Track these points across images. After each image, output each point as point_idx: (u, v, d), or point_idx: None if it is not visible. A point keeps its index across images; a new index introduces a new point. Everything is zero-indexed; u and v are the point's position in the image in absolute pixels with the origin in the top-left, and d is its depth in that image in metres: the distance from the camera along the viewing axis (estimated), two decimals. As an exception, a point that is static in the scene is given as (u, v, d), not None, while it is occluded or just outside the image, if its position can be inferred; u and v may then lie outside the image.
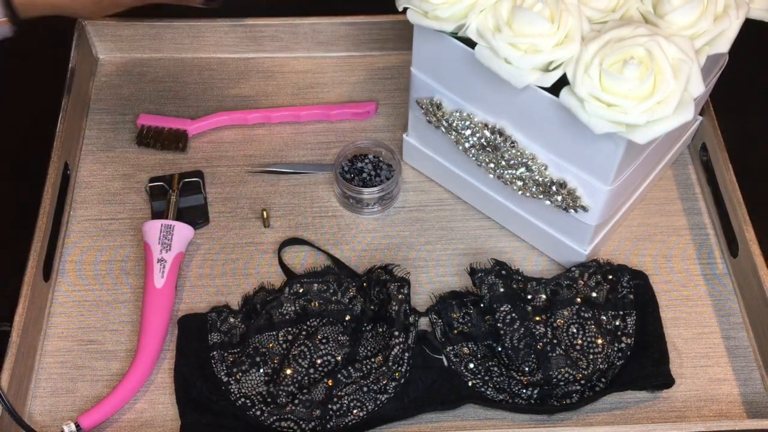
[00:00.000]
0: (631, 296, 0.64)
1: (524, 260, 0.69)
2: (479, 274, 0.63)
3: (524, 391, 0.60)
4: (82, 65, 0.77)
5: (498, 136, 0.62)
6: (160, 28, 0.79)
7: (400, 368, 0.60)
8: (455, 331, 0.62)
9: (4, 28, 0.50)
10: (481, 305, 0.63)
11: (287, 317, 0.63)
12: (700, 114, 0.74)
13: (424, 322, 0.63)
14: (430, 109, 0.65)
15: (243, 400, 0.59)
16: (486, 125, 0.62)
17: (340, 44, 0.81)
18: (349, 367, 0.60)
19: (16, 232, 0.69)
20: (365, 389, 0.59)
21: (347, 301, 0.63)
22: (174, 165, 0.74)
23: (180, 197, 0.71)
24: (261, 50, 0.82)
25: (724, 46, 0.54)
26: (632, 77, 0.50)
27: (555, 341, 0.61)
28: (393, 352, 0.60)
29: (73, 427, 0.58)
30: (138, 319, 0.65)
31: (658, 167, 0.71)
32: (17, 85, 0.81)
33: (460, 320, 0.63)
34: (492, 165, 0.64)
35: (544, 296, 0.63)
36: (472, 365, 0.61)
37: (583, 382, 0.60)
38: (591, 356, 0.61)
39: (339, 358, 0.60)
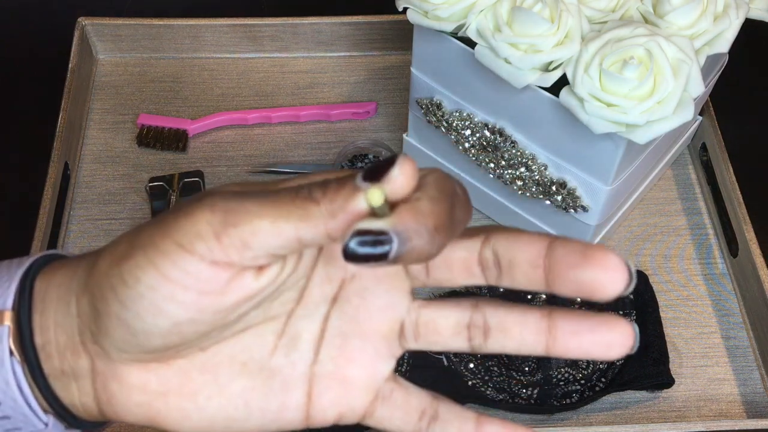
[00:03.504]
0: (631, 296, 0.64)
1: (524, 260, 0.69)
2: (479, 274, 0.63)
3: (524, 391, 0.60)
4: (82, 65, 0.77)
5: (498, 136, 0.62)
6: (160, 28, 0.80)
7: (400, 368, 0.60)
8: (455, 331, 0.62)
9: None
10: (481, 305, 0.63)
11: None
12: (700, 114, 0.74)
13: (424, 322, 0.63)
14: (430, 109, 0.65)
15: (243, 400, 0.59)
16: (486, 125, 0.62)
17: (340, 44, 0.81)
18: (349, 367, 0.60)
19: (16, 233, 0.69)
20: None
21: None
22: (174, 165, 0.74)
23: (180, 197, 0.71)
24: (261, 50, 0.82)
25: (723, 46, 0.54)
26: (632, 77, 0.50)
27: (555, 341, 0.61)
28: (393, 352, 0.60)
29: (73, 427, 0.58)
30: (138, 319, 0.65)
31: (658, 167, 0.71)
32: (17, 85, 0.81)
33: (460, 320, 0.63)
34: (492, 165, 0.64)
35: (543, 296, 0.63)
36: (472, 365, 0.61)
37: (582, 381, 0.60)
38: (591, 356, 0.61)
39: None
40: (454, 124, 0.64)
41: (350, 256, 0.25)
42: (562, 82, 0.53)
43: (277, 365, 0.30)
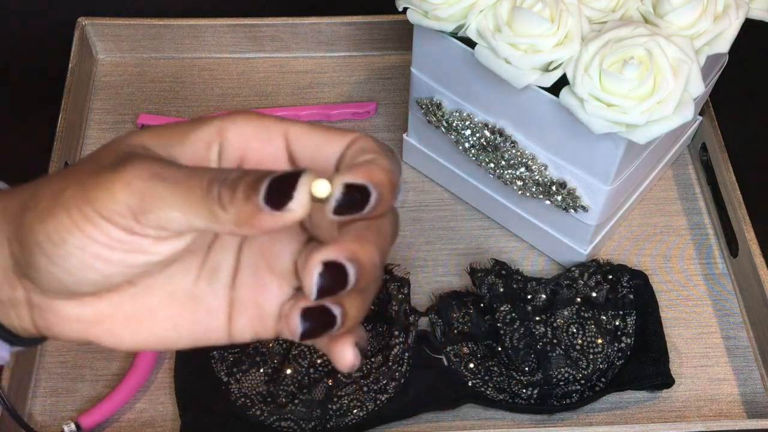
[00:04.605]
0: (631, 296, 0.64)
1: (524, 260, 0.69)
2: (479, 274, 0.63)
3: (524, 391, 0.60)
4: (82, 65, 0.77)
5: (498, 136, 0.62)
6: (160, 28, 0.80)
7: (400, 368, 0.60)
8: (455, 331, 0.62)
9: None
10: (481, 305, 0.63)
11: (287, 317, 0.62)
12: (700, 114, 0.74)
13: (424, 322, 0.63)
14: (430, 109, 0.65)
15: (243, 399, 0.59)
16: (486, 125, 0.62)
17: (340, 44, 0.81)
18: (349, 367, 0.60)
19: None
20: (365, 389, 0.59)
21: (347, 301, 0.63)
22: (174, 165, 0.74)
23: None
24: (261, 50, 0.82)
25: (723, 46, 0.54)
26: (632, 77, 0.50)
27: (555, 341, 0.61)
28: (393, 352, 0.60)
29: (73, 426, 0.58)
30: (138, 319, 0.65)
31: (658, 167, 0.71)
32: (17, 85, 0.81)
33: (460, 320, 0.63)
34: (492, 165, 0.64)
35: (544, 296, 0.63)
36: (472, 365, 0.61)
37: (583, 381, 0.60)
38: (591, 356, 0.61)
39: (339, 358, 0.60)
40: (454, 124, 0.64)
41: (338, 211, 0.28)
42: (562, 82, 0.53)
43: (201, 293, 0.33)
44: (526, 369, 0.60)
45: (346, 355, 0.31)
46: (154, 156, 0.30)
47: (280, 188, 0.27)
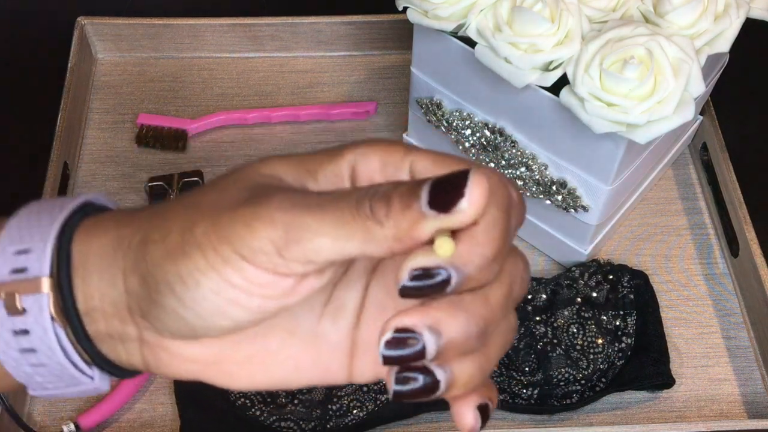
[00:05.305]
0: (632, 296, 0.64)
1: (524, 260, 0.69)
2: (479, 274, 0.63)
3: (524, 391, 0.60)
4: (82, 65, 0.77)
5: (498, 135, 0.62)
6: (160, 28, 0.79)
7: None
8: (455, 331, 0.62)
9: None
10: (481, 305, 0.62)
11: (287, 317, 0.62)
12: (701, 114, 0.74)
13: (424, 322, 0.63)
14: (430, 109, 0.65)
15: (243, 400, 0.59)
16: (486, 125, 0.62)
17: (340, 44, 0.81)
18: (349, 367, 0.60)
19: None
20: (365, 389, 0.59)
21: (347, 301, 0.63)
22: (174, 165, 0.74)
23: (180, 197, 0.70)
24: (261, 50, 0.82)
25: (724, 46, 0.54)
26: (632, 77, 0.50)
27: (555, 341, 0.61)
28: (393, 352, 0.59)
29: (72, 427, 0.58)
30: (138, 319, 0.65)
31: (659, 167, 0.71)
32: (17, 85, 0.81)
33: (460, 320, 0.62)
34: (492, 165, 0.64)
35: (544, 296, 0.63)
36: (472, 365, 0.61)
37: (583, 382, 0.60)
38: (591, 356, 0.61)
39: (339, 358, 0.60)
40: (454, 124, 0.64)
41: (407, 293, 0.25)
42: (563, 81, 0.53)
43: (324, 331, 0.31)
44: (527, 369, 0.60)
45: (465, 417, 0.28)
46: (291, 188, 0.28)
47: (447, 188, 0.24)
